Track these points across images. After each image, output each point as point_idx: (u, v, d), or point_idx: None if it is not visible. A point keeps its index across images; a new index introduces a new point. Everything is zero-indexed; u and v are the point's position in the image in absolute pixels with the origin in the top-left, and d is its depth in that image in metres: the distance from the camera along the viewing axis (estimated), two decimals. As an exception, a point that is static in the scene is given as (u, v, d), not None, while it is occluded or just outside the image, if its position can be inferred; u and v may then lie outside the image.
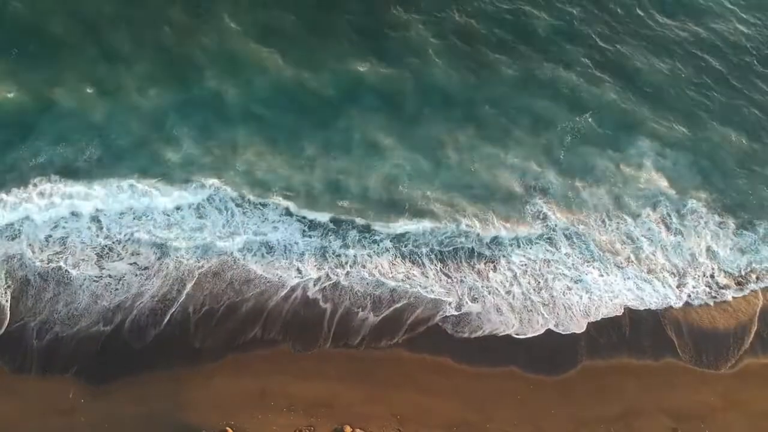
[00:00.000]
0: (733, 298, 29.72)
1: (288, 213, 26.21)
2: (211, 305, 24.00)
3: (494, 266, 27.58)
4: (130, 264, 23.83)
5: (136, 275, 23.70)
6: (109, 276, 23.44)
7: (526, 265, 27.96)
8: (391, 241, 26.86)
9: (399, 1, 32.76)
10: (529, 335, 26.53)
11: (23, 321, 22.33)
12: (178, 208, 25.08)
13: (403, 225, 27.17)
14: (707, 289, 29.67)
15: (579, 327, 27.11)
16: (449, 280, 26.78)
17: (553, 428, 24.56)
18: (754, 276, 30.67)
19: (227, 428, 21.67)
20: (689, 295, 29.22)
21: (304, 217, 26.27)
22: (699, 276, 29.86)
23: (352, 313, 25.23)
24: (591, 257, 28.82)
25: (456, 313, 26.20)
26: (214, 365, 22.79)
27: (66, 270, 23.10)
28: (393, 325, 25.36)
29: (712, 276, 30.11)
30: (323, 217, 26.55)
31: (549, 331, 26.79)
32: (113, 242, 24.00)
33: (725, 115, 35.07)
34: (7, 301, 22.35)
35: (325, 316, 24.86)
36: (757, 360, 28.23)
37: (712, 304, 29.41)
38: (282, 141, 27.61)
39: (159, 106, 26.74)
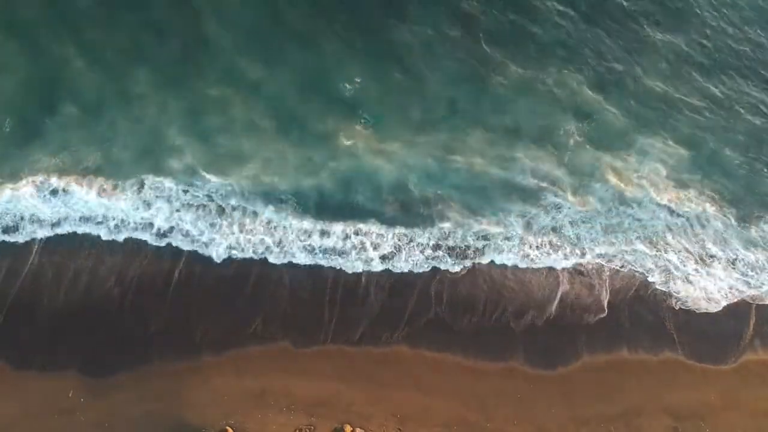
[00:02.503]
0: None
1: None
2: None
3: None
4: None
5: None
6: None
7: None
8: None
9: (400, 4, 32.09)
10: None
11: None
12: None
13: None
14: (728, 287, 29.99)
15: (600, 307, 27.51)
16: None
17: (553, 427, 24.56)
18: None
19: (227, 427, 21.65)
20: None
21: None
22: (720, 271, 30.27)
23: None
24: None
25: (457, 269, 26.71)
26: (214, 364, 22.72)
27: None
28: (393, 317, 25.30)
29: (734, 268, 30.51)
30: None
31: (549, 325, 26.76)
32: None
33: (728, 114, 34.82)
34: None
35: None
36: (756, 357, 28.27)
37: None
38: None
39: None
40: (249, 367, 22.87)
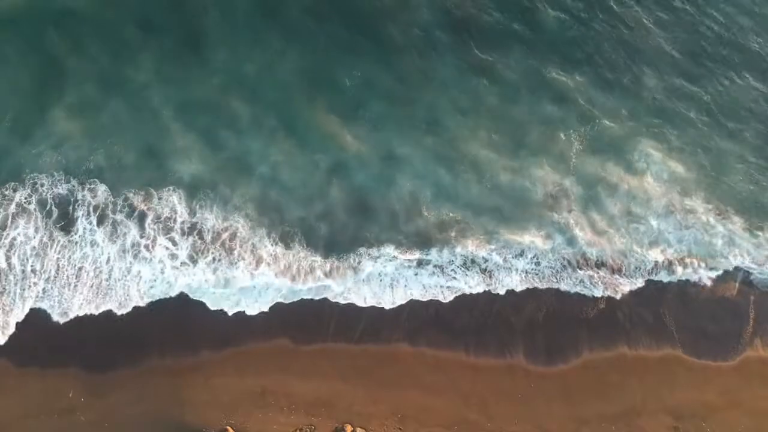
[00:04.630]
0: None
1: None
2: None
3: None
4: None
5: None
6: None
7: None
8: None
9: (401, 6, 31.62)
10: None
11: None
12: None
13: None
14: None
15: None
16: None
17: (554, 426, 24.56)
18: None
19: (227, 427, 21.63)
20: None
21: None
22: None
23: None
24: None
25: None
26: (214, 363, 22.64)
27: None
28: (394, 314, 25.16)
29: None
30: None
31: (549, 322, 26.66)
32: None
33: (732, 118, 34.51)
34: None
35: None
36: (757, 354, 28.27)
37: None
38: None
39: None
40: (249, 365, 22.81)
